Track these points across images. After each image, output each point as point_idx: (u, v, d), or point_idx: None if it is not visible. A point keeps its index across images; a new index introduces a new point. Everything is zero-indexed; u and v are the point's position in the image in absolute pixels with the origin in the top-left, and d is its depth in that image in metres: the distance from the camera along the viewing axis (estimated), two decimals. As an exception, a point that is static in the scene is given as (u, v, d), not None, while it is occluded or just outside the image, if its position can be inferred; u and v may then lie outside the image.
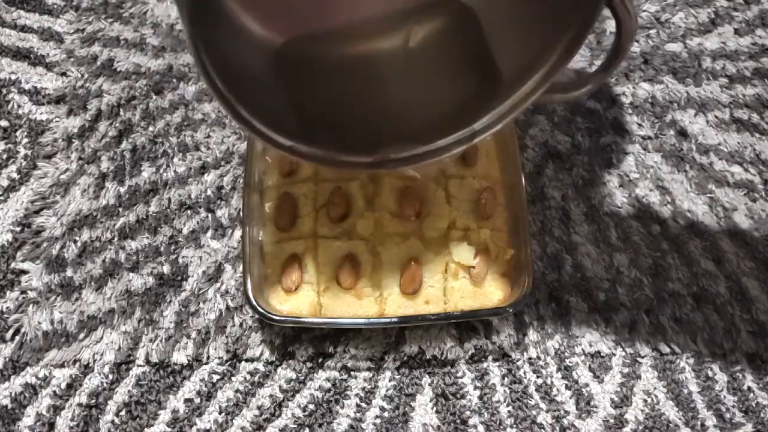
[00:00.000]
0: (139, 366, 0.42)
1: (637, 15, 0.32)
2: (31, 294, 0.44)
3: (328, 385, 0.42)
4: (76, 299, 0.44)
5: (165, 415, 0.41)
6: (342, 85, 0.32)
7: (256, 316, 0.40)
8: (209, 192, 0.47)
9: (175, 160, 0.48)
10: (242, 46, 0.32)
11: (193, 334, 0.43)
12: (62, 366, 0.42)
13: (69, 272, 0.44)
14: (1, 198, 0.47)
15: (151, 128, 0.49)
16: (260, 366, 0.42)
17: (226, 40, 0.32)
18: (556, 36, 0.31)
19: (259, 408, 0.41)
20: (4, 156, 0.48)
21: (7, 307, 0.43)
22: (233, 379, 0.42)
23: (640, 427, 0.41)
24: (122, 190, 0.47)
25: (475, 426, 0.41)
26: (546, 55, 0.32)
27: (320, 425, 0.41)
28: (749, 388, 0.42)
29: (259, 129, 0.34)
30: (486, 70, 0.32)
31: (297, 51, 0.31)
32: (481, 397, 0.41)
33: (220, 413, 0.41)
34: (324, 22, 0.30)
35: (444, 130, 0.33)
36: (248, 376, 0.42)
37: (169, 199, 0.47)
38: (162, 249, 0.45)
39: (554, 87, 0.33)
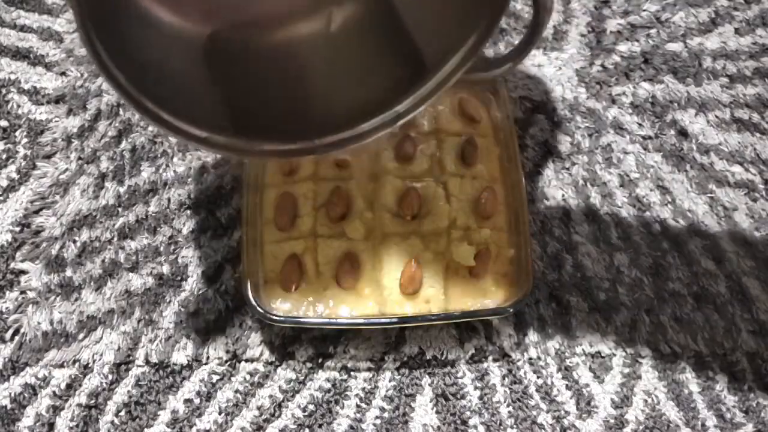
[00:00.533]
0: (138, 366, 0.42)
1: None
2: (31, 294, 0.44)
3: (328, 385, 0.42)
4: (76, 299, 0.44)
5: (165, 416, 0.41)
6: (266, 73, 0.32)
7: (256, 316, 0.40)
8: (209, 192, 0.47)
9: (175, 159, 0.48)
10: (154, 38, 0.31)
11: (193, 335, 0.43)
12: (62, 366, 0.42)
13: (68, 272, 0.44)
14: (1, 198, 0.47)
15: (150, 128, 0.49)
16: (260, 366, 0.42)
17: (131, 31, 0.31)
18: (474, 16, 0.32)
19: (258, 408, 0.41)
20: (4, 156, 0.48)
21: (7, 308, 0.43)
22: (233, 379, 0.42)
23: (641, 428, 0.41)
24: (122, 190, 0.47)
25: (475, 426, 0.41)
26: (465, 35, 0.32)
27: (320, 426, 0.41)
28: (750, 388, 0.42)
29: (169, 121, 0.32)
30: (406, 53, 0.33)
31: (221, 41, 0.31)
32: (481, 398, 0.41)
33: (219, 414, 0.41)
34: (248, 9, 0.31)
35: (368, 113, 0.33)
36: (248, 377, 0.42)
37: (169, 199, 0.47)
38: (161, 249, 0.45)
39: (475, 66, 0.33)
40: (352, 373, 0.42)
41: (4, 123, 0.49)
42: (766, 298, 0.44)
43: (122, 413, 0.41)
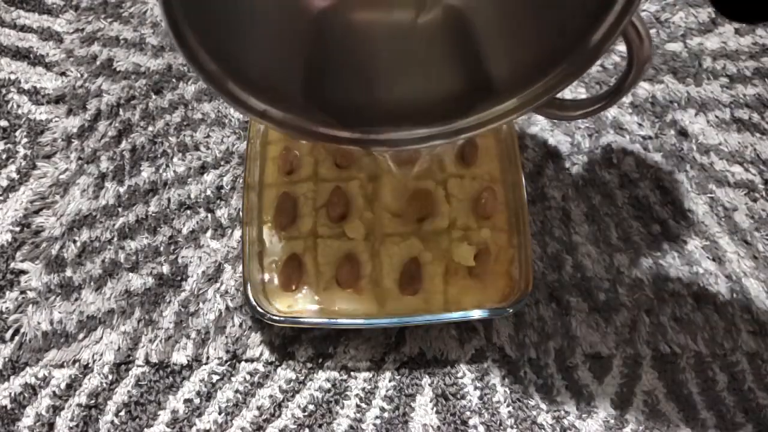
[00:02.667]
0: (138, 366, 0.42)
1: (651, 42, 0.32)
2: (31, 294, 0.44)
3: (328, 385, 0.42)
4: (76, 299, 0.44)
5: (164, 416, 0.41)
6: (345, 53, 0.32)
7: (256, 316, 0.40)
8: (209, 192, 0.47)
9: (175, 159, 0.48)
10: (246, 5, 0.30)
11: (193, 335, 0.43)
12: (62, 366, 0.42)
13: (68, 272, 0.44)
14: (1, 198, 0.47)
15: (150, 128, 0.49)
16: (260, 366, 0.42)
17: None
18: (554, 61, 0.32)
19: (258, 408, 0.41)
20: (4, 156, 0.48)
21: (7, 308, 0.43)
22: (233, 379, 0.42)
23: (641, 428, 0.41)
24: (122, 190, 0.47)
25: (475, 426, 0.41)
26: (540, 75, 0.32)
27: (320, 426, 0.41)
28: (750, 389, 0.42)
29: (231, 90, 0.32)
30: (478, 73, 0.33)
31: (322, 16, 0.30)
32: (481, 398, 0.41)
33: (219, 414, 0.41)
34: None
35: (429, 120, 0.33)
36: (248, 377, 0.42)
37: (169, 199, 0.47)
38: (161, 249, 0.45)
39: (551, 103, 0.33)
40: (352, 373, 0.42)
41: (4, 123, 0.49)
42: (766, 298, 0.44)
43: (122, 413, 0.41)
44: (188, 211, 0.46)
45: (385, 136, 0.33)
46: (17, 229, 0.46)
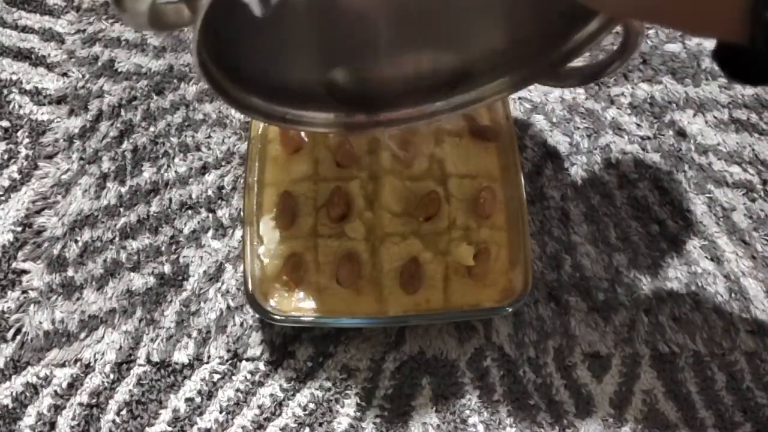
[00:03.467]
0: (140, 365, 0.42)
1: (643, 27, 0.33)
2: (32, 294, 0.44)
3: (329, 384, 0.42)
4: (77, 299, 0.44)
5: (166, 415, 0.41)
6: (354, 38, 0.33)
7: (257, 315, 0.40)
8: (210, 192, 0.47)
9: (176, 160, 0.48)
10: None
11: (194, 334, 0.43)
12: (63, 365, 0.42)
13: (70, 272, 0.44)
14: (3, 198, 0.47)
15: (152, 128, 0.49)
16: (261, 365, 0.42)
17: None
18: (556, 40, 0.33)
19: (259, 407, 0.41)
20: (6, 156, 0.48)
21: (8, 307, 0.44)
22: (234, 378, 0.42)
23: (639, 427, 0.41)
24: (123, 190, 0.47)
25: (474, 425, 0.41)
26: (545, 53, 0.34)
27: (320, 424, 0.41)
28: (748, 388, 0.42)
29: (250, 104, 0.33)
30: (485, 47, 0.35)
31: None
32: (480, 397, 0.42)
33: (220, 412, 0.41)
34: None
35: (431, 96, 0.36)
36: (249, 376, 0.42)
37: (170, 199, 0.47)
38: (163, 249, 0.45)
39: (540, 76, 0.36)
40: (352, 372, 0.42)
41: (5, 123, 0.49)
42: (764, 298, 0.44)
43: (124, 412, 0.41)
44: (189, 211, 0.46)
45: (394, 114, 0.36)
46: (19, 228, 0.46)
